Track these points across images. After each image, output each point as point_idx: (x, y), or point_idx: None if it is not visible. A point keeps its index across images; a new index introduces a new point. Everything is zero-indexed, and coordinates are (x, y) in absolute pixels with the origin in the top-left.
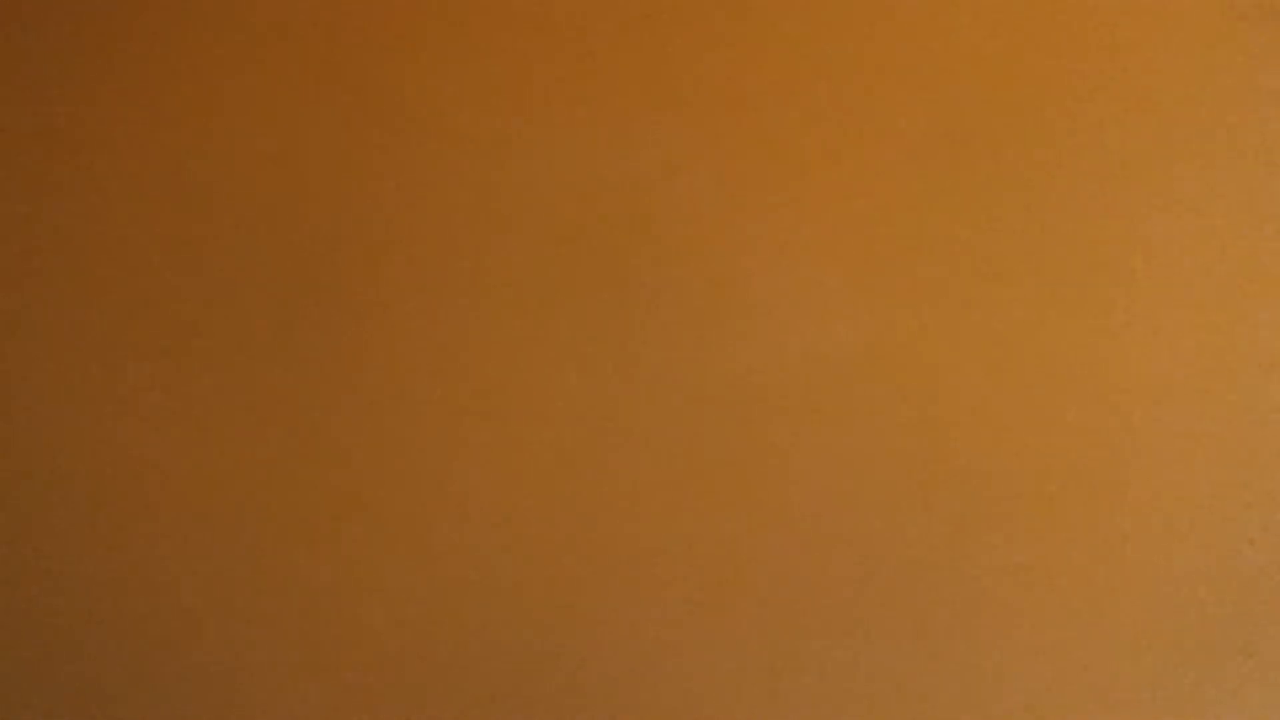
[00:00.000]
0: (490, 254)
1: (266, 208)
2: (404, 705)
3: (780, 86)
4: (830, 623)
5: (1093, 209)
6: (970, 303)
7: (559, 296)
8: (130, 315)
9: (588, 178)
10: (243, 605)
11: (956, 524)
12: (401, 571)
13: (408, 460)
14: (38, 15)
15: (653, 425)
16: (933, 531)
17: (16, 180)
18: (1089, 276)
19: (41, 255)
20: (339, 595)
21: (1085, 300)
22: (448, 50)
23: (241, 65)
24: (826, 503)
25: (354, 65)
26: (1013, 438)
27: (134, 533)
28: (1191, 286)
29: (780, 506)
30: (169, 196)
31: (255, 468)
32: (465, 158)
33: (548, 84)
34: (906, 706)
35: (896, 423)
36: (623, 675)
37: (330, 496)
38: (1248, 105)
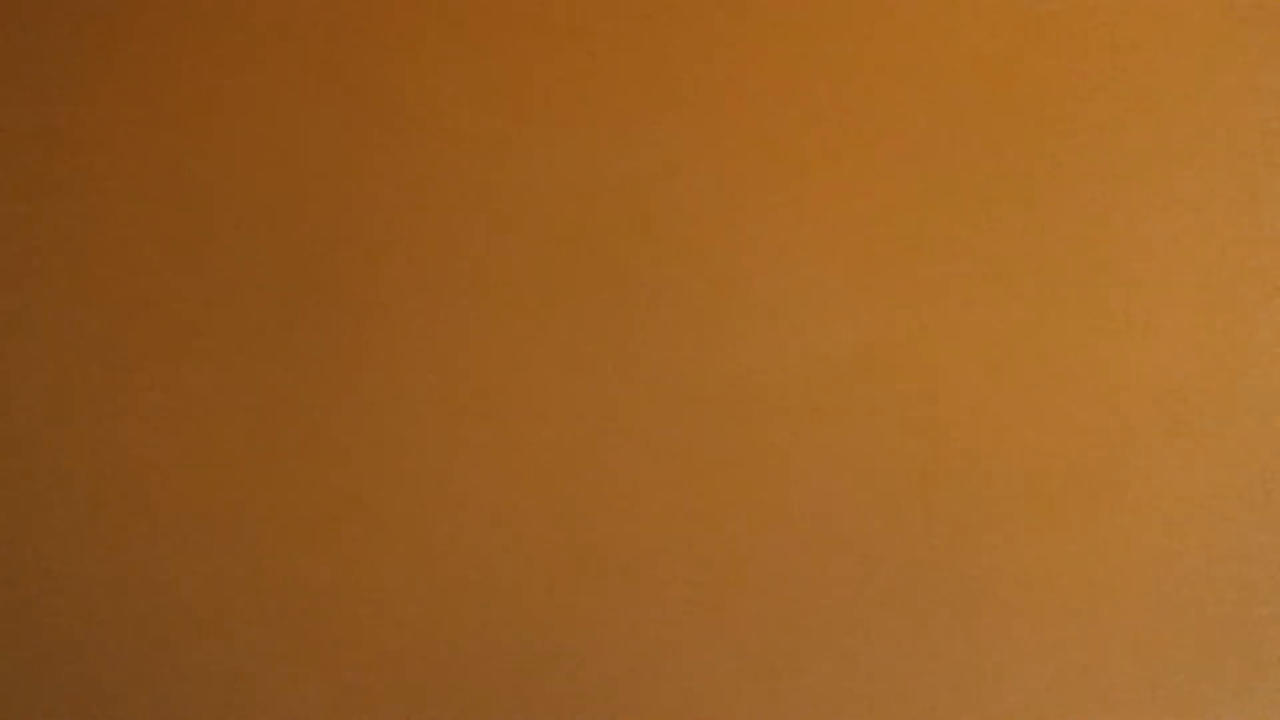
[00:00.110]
0: (490, 254)
1: (266, 208)
2: (404, 705)
3: (780, 86)
4: (830, 623)
5: (1093, 209)
6: (970, 303)
7: (559, 297)
8: (130, 315)
9: (588, 178)
10: (243, 605)
11: (956, 524)
12: (401, 571)
13: (408, 460)
14: (38, 15)
15: (653, 425)
16: (933, 531)
17: (16, 180)
18: (1089, 276)
19: (41, 255)
20: (339, 595)
21: (1085, 300)
22: (448, 50)
23: (241, 65)
24: (826, 503)
25: (354, 65)
26: (1013, 438)
27: (134, 533)
28: (1191, 286)
29: (780, 506)
30: (169, 196)
31: (255, 468)
32: (465, 158)
33: (548, 84)
34: (906, 706)
35: (896, 423)
36: (623, 675)
37: (330, 496)
38: (1248, 105)
